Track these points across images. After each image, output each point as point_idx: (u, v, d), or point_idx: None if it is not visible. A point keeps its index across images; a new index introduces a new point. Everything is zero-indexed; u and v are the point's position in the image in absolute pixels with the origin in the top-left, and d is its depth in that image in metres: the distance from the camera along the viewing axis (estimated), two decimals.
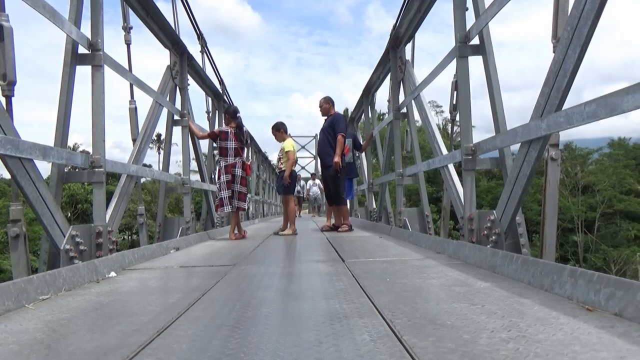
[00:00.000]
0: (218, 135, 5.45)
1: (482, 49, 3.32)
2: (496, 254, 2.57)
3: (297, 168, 7.63)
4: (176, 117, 5.55)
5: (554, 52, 3.15)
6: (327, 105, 6.57)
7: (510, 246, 3.13)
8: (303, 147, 45.59)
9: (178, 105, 5.59)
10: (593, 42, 2.12)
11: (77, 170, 3.18)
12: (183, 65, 5.55)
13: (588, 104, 1.99)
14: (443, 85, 4.95)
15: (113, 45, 3.73)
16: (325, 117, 6.57)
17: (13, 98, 2.89)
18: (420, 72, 5.33)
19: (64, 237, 2.84)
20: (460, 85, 3.37)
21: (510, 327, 1.44)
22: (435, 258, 3.15)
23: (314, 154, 39.56)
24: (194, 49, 6.34)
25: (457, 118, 3.83)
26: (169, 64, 5.31)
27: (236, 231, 5.57)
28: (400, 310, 1.71)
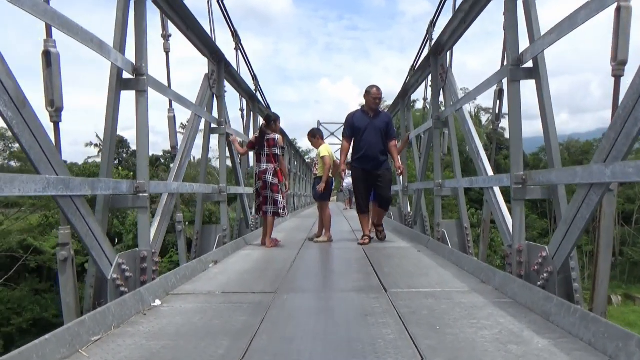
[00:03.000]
0: (255, 143, 5.50)
1: (536, 73, 3.16)
2: (550, 299, 2.46)
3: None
4: (213, 125, 5.56)
5: (612, 75, 3.00)
6: (380, 96, 5.75)
7: (560, 282, 3.01)
8: (332, 134, 45.46)
9: (215, 113, 5.59)
10: None
11: (121, 195, 3.20)
12: (220, 73, 5.54)
13: None
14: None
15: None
16: (372, 113, 5.69)
17: (61, 124, 2.95)
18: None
19: (111, 266, 2.88)
20: (511, 110, 3.22)
21: None
22: (481, 292, 3.06)
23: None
24: (227, 47, 6.33)
25: (502, 128, 3.67)
26: (207, 72, 5.31)
27: (272, 237, 5.62)
28: None
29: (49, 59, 2.74)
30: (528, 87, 3.46)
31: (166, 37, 5.17)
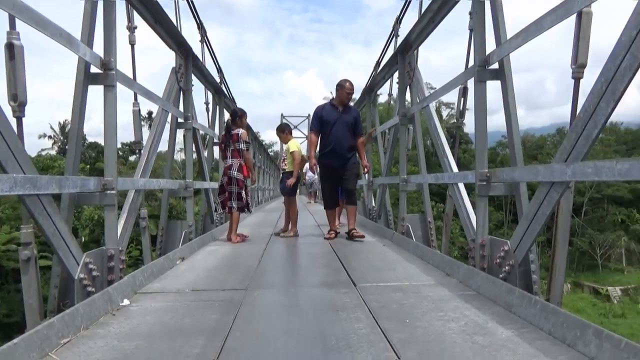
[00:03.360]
0: (222, 140, 5.55)
1: (502, 75, 3.28)
2: (512, 292, 2.58)
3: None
4: (180, 120, 5.47)
5: (573, 77, 3.15)
6: (352, 91, 5.74)
7: (520, 274, 3.15)
8: (296, 127, 45.38)
9: (181, 107, 5.50)
10: None
11: (87, 192, 3.12)
12: (188, 67, 5.45)
13: (620, 162, 1.98)
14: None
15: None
16: (342, 107, 5.62)
17: (24, 119, 2.84)
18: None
19: (78, 265, 2.81)
20: (477, 110, 3.34)
21: None
22: (446, 285, 3.17)
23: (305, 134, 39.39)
24: (192, 38, 6.21)
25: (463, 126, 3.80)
26: (174, 66, 5.21)
27: (238, 232, 5.62)
28: None
29: (12, 52, 2.64)
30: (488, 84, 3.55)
31: (132, 29, 5.03)
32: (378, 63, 8.30)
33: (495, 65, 3.32)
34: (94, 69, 3.12)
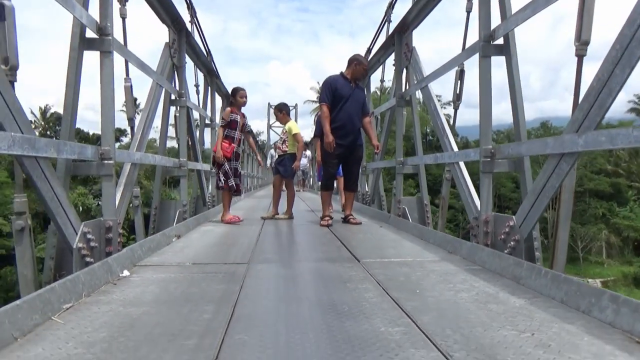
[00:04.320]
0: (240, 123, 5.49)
1: (506, 50, 3.26)
2: (520, 264, 2.57)
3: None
4: (173, 97, 5.35)
5: (576, 54, 3.13)
6: (363, 67, 5.26)
7: (524, 250, 3.15)
8: None
9: (174, 83, 5.38)
10: None
11: (85, 162, 3.02)
12: (181, 43, 5.33)
13: (637, 129, 1.96)
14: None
15: None
16: (353, 81, 5.22)
17: (16, 84, 2.72)
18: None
19: (76, 235, 2.72)
20: (482, 85, 3.30)
21: None
22: (451, 260, 3.15)
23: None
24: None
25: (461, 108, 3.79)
26: (167, 41, 5.08)
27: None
28: (451, 339, 1.69)
29: (3, 12, 2.53)
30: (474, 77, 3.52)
31: (123, 1, 4.89)
32: (369, 50, 8.24)
33: (500, 41, 3.29)
34: (89, 34, 3.00)
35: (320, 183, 6.51)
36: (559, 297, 2.17)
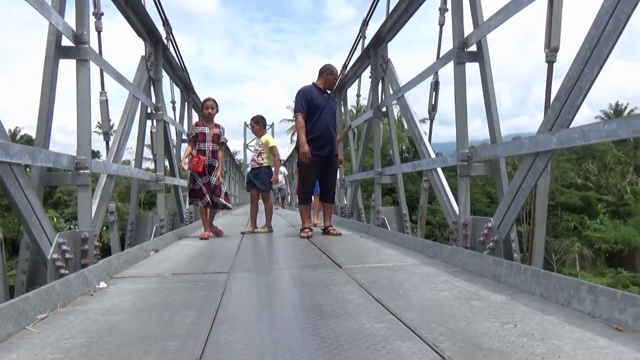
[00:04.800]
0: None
1: (480, 57, 3.35)
2: (500, 263, 2.61)
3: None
4: (150, 110, 5.30)
5: (546, 61, 3.25)
6: (334, 77, 5.36)
7: (503, 252, 3.20)
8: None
9: (151, 97, 5.34)
10: None
11: (59, 171, 2.95)
12: (158, 56, 5.31)
13: (608, 123, 2.03)
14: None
15: None
16: (326, 91, 5.29)
17: None
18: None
19: (51, 245, 2.64)
20: (457, 91, 3.38)
21: (558, 353, 1.46)
22: (432, 264, 3.17)
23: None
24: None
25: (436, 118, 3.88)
26: (143, 54, 5.05)
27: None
28: (436, 332, 1.69)
29: None
30: (449, 94, 3.62)
31: (98, 15, 4.86)
32: (345, 66, 8.36)
33: (474, 48, 3.39)
34: (65, 42, 2.97)
35: (298, 198, 6.48)
36: (538, 292, 2.20)
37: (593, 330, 1.67)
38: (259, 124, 6.00)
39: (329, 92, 5.33)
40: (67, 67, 3.17)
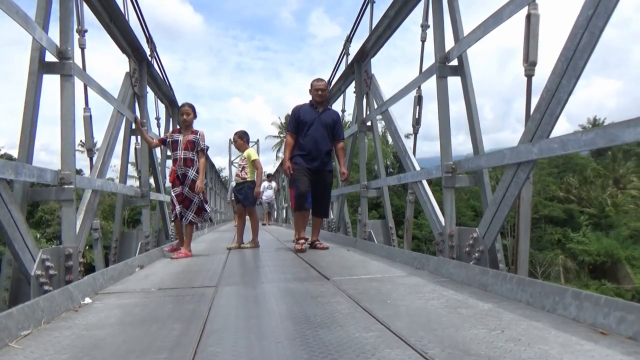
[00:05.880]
0: None
1: (461, 71, 3.43)
2: (486, 272, 2.64)
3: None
4: (134, 127, 5.28)
5: (525, 75, 3.33)
6: (324, 87, 5.34)
7: (488, 262, 3.23)
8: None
9: (135, 113, 5.32)
10: None
11: (42, 187, 2.92)
12: (142, 72, 5.31)
13: (585, 133, 2.09)
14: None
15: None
16: (320, 107, 5.30)
17: None
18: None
19: (34, 262, 2.60)
20: (440, 104, 3.45)
21: (545, 357, 1.48)
22: (419, 275, 3.19)
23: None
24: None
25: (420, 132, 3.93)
26: (128, 70, 5.05)
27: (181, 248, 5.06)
28: (425, 339, 1.70)
29: None
30: (431, 110, 3.70)
31: (82, 32, 4.86)
32: (329, 82, 8.46)
33: (455, 62, 3.46)
34: (49, 57, 2.96)
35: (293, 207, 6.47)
36: (524, 299, 2.23)
37: (578, 334, 1.70)
38: (242, 139, 6.01)
39: (325, 107, 5.35)
40: (48, 84, 3.17)
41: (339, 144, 5.33)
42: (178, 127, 5.14)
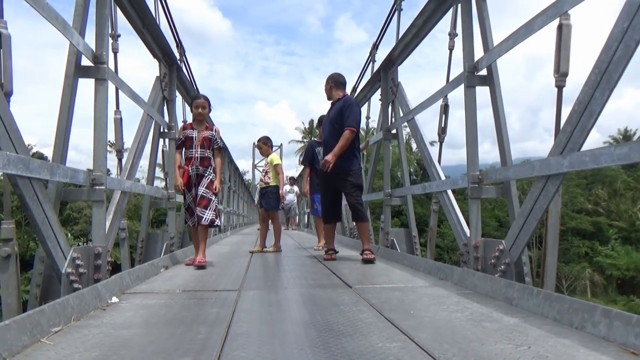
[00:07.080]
0: None
1: (490, 80, 3.39)
2: (512, 286, 2.59)
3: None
4: (163, 129, 5.39)
5: (556, 85, 3.28)
6: (327, 82, 4.99)
7: (514, 275, 3.18)
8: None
9: (165, 116, 5.44)
10: None
11: (75, 187, 3.01)
12: (172, 77, 5.42)
13: (619, 147, 2.05)
14: None
15: None
16: (331, 105, 4.98)
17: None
18: None
19: (65, 260, 2.67)
20: (468, 114, 3.42)
21: None
22: (442, 286, 3.16)
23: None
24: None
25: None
26: (158, 75, 5.17)
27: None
28: (449, 352, 1.69)
29: (0, 41, 2.58)
30: (456, 118, 3.67)
31: (115, 36, 4.99)
32: (354, 88, 8.47)
33: (484, 72, 3.43)
34: (85, 62, 3.06)
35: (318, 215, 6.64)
36: (552, 315, 2.19)
37: (608, 354, 1.66)
38: (266, 144, 6.12)
39: (334, 102, 4.94)
40: (81, 87, 3.22)
41: (345, 130, 4.64)
42: (190, 121, 4.75)
